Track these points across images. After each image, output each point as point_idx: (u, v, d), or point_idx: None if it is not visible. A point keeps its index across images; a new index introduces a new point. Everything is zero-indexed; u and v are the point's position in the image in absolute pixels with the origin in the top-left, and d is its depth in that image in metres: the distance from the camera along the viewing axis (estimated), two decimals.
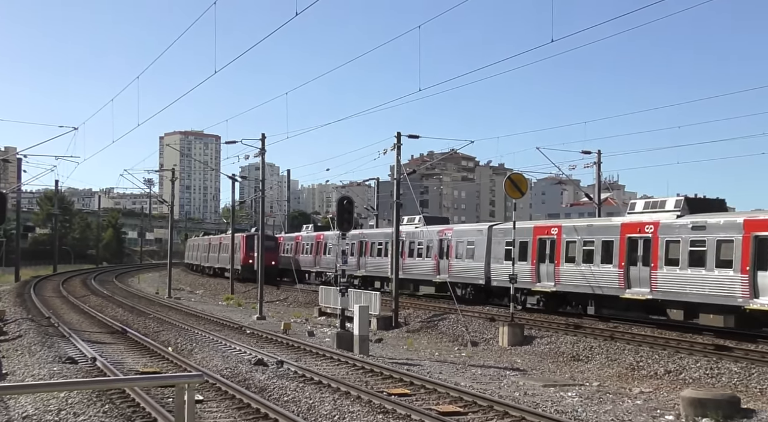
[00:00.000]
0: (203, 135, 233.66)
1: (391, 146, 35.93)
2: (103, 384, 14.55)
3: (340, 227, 28.64)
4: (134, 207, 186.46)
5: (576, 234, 31.14)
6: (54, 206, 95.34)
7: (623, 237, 28.40)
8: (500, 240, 35.00)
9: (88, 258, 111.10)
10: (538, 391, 18.67)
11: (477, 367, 22.73)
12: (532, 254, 32.70)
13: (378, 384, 18.35)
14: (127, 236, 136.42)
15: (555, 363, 23.59)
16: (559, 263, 31.40)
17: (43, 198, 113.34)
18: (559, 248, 31.62)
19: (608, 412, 15.99)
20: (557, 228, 32.49)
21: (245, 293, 52.99)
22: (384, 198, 67.69)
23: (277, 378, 18.79)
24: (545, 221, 44.89)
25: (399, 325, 33.22)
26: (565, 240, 31.42)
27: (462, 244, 38.21)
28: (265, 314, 38.89)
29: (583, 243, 30.45)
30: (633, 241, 28.01)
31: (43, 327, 30.36)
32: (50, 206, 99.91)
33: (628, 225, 28.73)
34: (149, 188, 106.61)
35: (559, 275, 31.38)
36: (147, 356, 23.42)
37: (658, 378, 20.59)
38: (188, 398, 5.95)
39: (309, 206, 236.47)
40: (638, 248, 27.77)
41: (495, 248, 35.24)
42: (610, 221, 31.70)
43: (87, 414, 14.03)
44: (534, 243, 32.85)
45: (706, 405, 15.48)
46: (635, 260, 27.75)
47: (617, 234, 28.82)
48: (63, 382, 11.85)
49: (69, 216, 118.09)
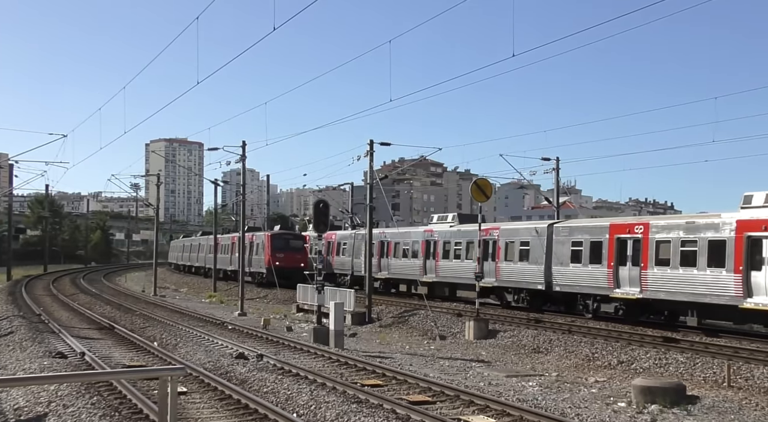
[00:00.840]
0: (187, 142, 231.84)
1: (364, 152, 35.97)
2: (90, 377, 14.43)
3: (317, 229, 28.74)
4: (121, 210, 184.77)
5: (669, 232, 25.81)
6: (44, 209, 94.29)
7: (740, 237, 23.21)
8: (564, 240, 29.77)
9: (77, 258, 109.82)
10: (502, 381, 18.75)
11: (445, 359, 22.77)
12: (608, 255, 27.55)
13: (352, 376, 18.34)
14: (114, 237, 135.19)
15: (517, 355, 23.69)
16: (646, 267, 26.11)
17: (34, 202, 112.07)
18: (647, 248, 26.23)
19: (566, 400, 16.11)
20: (643, 226, 27.04)
21: (227, 291, 52.66)
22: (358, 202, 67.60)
23: (257, 370, 18.72)
24: (624, 218, 37.02)
25: (372, 320, 33.22)
26: (656, 240, 26.10)
27: (513, 245, 32.68)
28: (246, 311, 38.68)
29: (681, 243, 25.08)
30: (755, 241, 22.87)
31: (34, 324, 29.97)
32: (41, 209, 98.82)
33: (745, 223, 23.29)
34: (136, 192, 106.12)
35: (647, 279, 26.03)
36: (133, 350, 23.22)
37: (612, 368, 20.75)
38: (171, 390, 5.92)
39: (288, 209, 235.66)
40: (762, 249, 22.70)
41: (558, 249, 29.82)
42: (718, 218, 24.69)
43: (76, 406, 13.89)
44: (611, 243, 27.69)
45: (654, 392, 15.65)
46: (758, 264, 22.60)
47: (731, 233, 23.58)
48: (53, 375, 11.74)
49: (59, 219, 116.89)
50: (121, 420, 13.18)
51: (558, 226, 30.77)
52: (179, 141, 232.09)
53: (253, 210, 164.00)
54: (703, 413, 14.98)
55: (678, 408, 15.17)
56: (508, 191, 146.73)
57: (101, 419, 13.02)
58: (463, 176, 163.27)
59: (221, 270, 60.44)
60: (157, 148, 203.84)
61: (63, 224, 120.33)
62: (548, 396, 16.62)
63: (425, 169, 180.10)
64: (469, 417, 13.58)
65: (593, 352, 22.40)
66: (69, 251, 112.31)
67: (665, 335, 23.85)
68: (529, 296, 31.90)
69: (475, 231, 31.76)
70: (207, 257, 64.55)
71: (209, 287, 56.03)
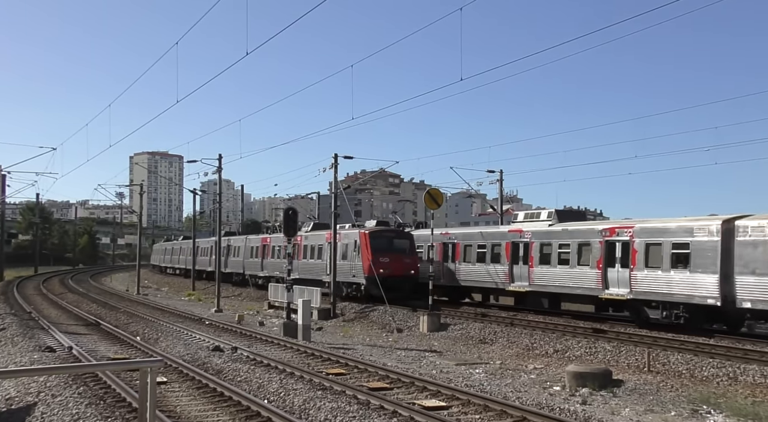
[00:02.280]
0: (168, 155, 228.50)
1: (329, 164, 35.91)
2: (77, 368, 14.15)
3: (286, 234, 28.61)
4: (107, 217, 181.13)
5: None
6: (35, 216, 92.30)
7: (602, 242, 25.18)
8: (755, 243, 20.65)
9: (65, 261, 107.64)
10: (452, 369, 18.84)
11: (401, 350, 22.80)
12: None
13: (318, 366, 18.26)
14: (101, 241, 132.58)
15: (466, 345, 23.80)
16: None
17: (25, 209, 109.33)
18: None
19: (508, 385, 16.26)
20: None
21: (205, 290, 52.03)
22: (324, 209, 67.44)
23: (231, 361, 18.54)
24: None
25: (336, 316, 33.08)
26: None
27: (659, 248, 23.40)
28: (222, 307, 38.29)
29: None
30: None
31: (25, 321, 29.26)
32: (32, 216, 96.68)
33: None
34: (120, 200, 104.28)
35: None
36: (118, 344, 22.81)
37: (549, 357, 20.95)
38: (150, 380, 5.85)
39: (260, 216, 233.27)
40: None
41: (743, 253, 20.92)
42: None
43: (63, 396, 13.62)
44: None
45: (585, 377, 15.89)
46: None
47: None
48: (42, 368, 11.47)
49: (48, 225, 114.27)
50: (106, 408, 12.95)
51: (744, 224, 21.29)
52: (161, 154, 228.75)
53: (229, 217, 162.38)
54: (627, 395, 15.24)
55: (605, 390, 15.41)
56: (457, 200, 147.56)
57: (87, 407, 12.77)
58: (418, 186, 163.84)
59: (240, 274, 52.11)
60: (140, 160, 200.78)
61: (52, 230, 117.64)
62: (493, 381, 16.76)
63: (384, 180, 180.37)
64: (423, 401, 13.61)
65: (532, 342, 22.62)
66: (58, 254, 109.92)
67: (594, 327, 24.21)
68: (687, 312, 22.60)
69: (594, 231, 25.97)
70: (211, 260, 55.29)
71: (188, 286, 55.35)
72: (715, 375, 16.80)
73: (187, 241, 69.55)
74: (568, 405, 13.70)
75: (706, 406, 14.03)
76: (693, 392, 15.42)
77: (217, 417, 12.62)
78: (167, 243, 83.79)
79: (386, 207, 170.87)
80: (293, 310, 26.98)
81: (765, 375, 16.08)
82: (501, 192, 47.60)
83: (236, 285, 51.52)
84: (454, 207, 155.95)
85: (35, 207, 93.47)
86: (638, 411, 13.66)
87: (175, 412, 12.79)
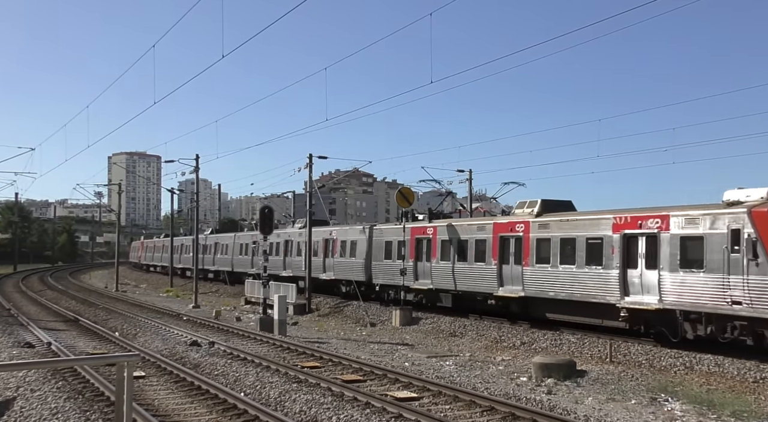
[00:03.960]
0: (146, 155, 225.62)
1: (304, 164, 35.80)
2: (55, 363, 13.94)
3: (263, 231, 28.42)
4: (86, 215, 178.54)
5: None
6: (14, 215, 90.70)
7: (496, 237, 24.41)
8: None
9: (45, 259, 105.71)
10: (423, 361, 18.87)
11: (375, 343, 22.79)
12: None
13: (294, 359, 18.18)
14: (79, 239, 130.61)
15: (437, 338, 23.82)
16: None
17: (4, 208, 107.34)
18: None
19: (477, 376, 16.34)
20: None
21: (183, 286, 51.56)
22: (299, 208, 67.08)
23: (209, 356, 18.39)
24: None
25: (312, 311, 32.99)
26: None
27: None
28: (199, 303, 37.95)
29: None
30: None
31: (4, 318, 28.73)
32: (11, 215, 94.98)
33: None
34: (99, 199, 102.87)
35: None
36: (96, 340, 22.49)
37: (516, 349, 21.02)
38: (128, 374, 5.79)
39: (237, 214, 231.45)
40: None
41: None
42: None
43: (42, 390, 13.41)
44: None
45: (550, 368, 16.01)
46: None
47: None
48: (21, 363, 11.30)
49: (28, 223, 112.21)
50: (84, 402, 12.76)
51: None
52: (139, 154, 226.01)
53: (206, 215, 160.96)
54: (590, 384, 15.40)
55: (569, 380, 15.56)
56: (429, 199, 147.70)
57: (66, 401, 12.58)
58: (391, 185, 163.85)
59: None
60: (118, 160, 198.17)
61: (32, 228, 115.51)
62: (462, 373, 16.83)
63: (358, 179, 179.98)
64: (395, 393, 13.62)
65: (500, 335, 22.71)
66: (37, 252, 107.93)
67: None
68: None
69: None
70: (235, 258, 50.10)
71: (167, 283, 54.77)
72: (673, 364, 17.05)
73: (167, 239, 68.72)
74: (534, 395, 13.81)
75: (664, 394, 14.25)
76: (652, 381, 15.64)
77: (195, 410, 12.50)
78: (147, 240, 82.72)
79: (360, 205, 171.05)
80: (269, 305, 26.85)
81: (718, 365, 16.36)
82: (470, 191, 47.88)
83: (214, 282, 51.03)
84: (425, 205, 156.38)
85: (14, 206, 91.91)
86: (600, 400, 13.82)
87: (153, 406, 12.65)
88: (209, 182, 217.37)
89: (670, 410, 12.98)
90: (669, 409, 13.04)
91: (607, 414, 12.25)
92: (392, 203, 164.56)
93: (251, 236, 47.74)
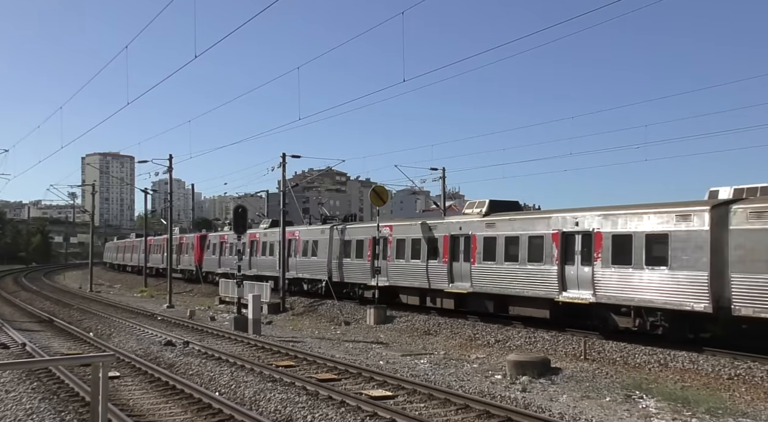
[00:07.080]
0: (119, 155, 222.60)
1: (278, 163, 35.45)
2: (30, 364, 13.53)
3: (236, 231, 28.13)
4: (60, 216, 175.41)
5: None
6: None
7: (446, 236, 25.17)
8: None
9: (19, 260, 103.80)
10: (398, 360, 18.74)
11: (349, 342, 22.62)
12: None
13: (268, 358, 17.95)
14: (53, 240, 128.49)
15: (411, 336, 23.71)
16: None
17: None
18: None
19: (452, 374, 16.25)
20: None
21: (157, 286, 50.83)
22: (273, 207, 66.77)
23: (183, 355, 18.09)
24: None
25: (286, 310, 32.71)
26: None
27: None
28: (174, 303, 37.44)
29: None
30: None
31: None
32: None
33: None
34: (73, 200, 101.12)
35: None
36: (71, 341, 22.04)
37: (490, 347, 20.96)
38: (102, 374, 5.59)
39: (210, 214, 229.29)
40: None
41: None
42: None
43: (17, 391, 13.09)
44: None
45: (525, 366, 15.96)
46: None
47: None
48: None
49: (1, 225, 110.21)
50: (59, 402, 12.44)
51: None
52: (112, 155, 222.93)
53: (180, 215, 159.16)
54: (564, 382, 15.39)
55: (544, 378, 15.53)
56: (402, 197, 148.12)
57: (41, 402, 12.25)
58: (364, 184, 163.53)
59: None
60: (92, 161, 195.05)
61: (5, 229, 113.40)
62: (437, 371, 16.73)
63: (331, 178, 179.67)
64: (370, 391, 13.48)
65: (475, 333, 22.64)
66: (11, 253, 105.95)
67: None
68: None
69: None
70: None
71: (141, 283, 53.99)
72: (647, 361, 17.09)
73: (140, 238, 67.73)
74: (508, 393, 13.76)
75: (638, 391, 14.26)
76: (626, 378, 15.66)
77: (170, 409, 12.25)
78: (120, 241, 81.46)
79: (333, 204, 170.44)
80: (243, 305, 26.53)
81: (693, 361, 16.43)
82: (444, 189, 47.80)
83: (188, 282, 50.34)
84: (399, 204, 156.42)
85: None
86: (575, 397, 13.80)
87: (128, 405, 12.37)
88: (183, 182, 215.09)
89: (645, 407, 12.98)
90: (644, 406, 13.04)
91: (581, 411, 12.23)
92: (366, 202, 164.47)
93: (218, 236, 47.54)
